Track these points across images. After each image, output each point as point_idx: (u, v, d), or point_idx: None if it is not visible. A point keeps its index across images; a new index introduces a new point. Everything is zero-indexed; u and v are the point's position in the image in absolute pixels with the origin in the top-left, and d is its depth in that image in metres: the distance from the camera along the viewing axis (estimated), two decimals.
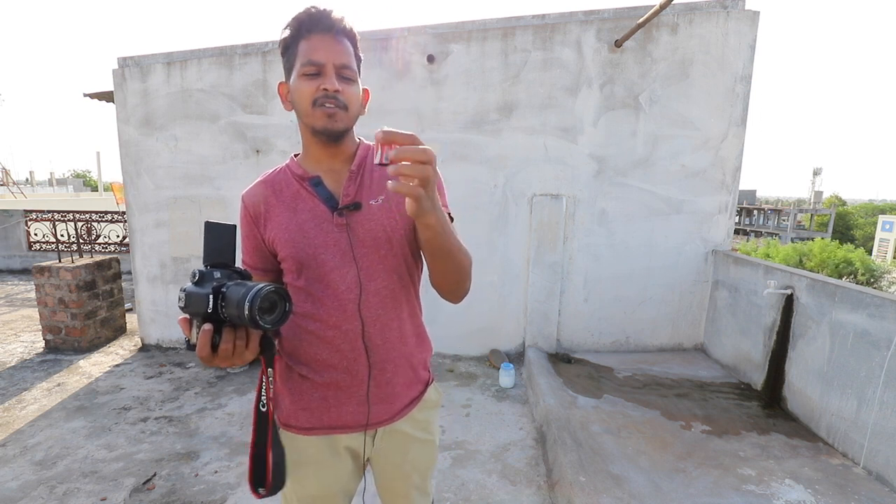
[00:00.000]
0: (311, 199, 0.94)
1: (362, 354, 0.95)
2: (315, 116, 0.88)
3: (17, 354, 3.82)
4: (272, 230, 0.95)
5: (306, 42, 0.87)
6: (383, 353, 0.97)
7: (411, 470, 1.07)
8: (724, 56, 3.31)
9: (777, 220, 49.32)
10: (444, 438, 2.62)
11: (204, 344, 0.73)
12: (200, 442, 2.57)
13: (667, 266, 3.57)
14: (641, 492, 1.92)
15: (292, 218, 0.94)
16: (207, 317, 0.75)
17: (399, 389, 1.01)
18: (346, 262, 0.93)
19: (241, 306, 0.72)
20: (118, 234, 6.72)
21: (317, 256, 0.92)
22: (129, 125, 3.80)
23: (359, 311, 0.93)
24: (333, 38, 0.87)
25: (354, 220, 0.93)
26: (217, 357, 0.75)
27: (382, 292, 0.95)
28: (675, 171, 3.47)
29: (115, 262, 4.27)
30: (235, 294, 0.73)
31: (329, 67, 0.86)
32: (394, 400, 1.01)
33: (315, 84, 0.86)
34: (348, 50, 0.89)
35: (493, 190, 3.61)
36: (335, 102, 0.87)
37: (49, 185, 38.06)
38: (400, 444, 1.05)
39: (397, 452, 1.05)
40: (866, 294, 2.14)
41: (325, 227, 0.93)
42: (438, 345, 3.84)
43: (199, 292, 0.75)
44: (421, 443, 1.07)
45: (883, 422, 1.99)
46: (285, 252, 0.94)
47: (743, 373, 3.05)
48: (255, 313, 0.72)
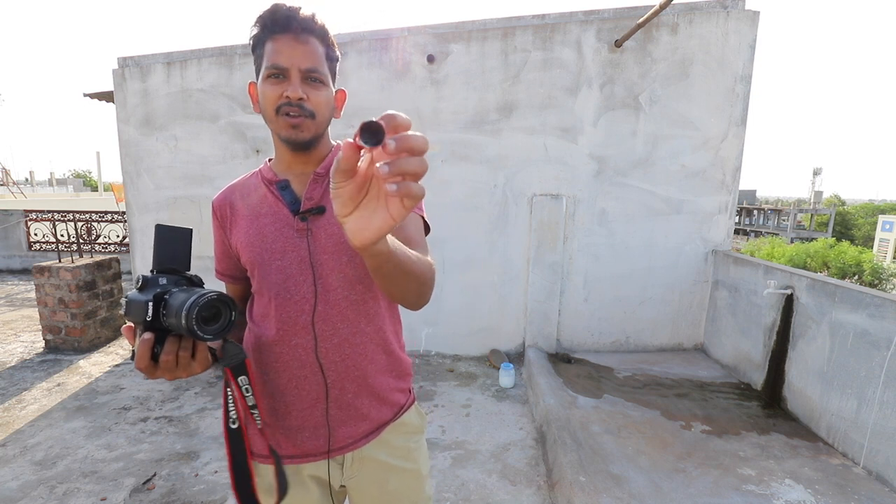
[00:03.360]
0: (276, 203, 0.88)
1: (316, 373, 0.86)
2: (279, 125, 0.82)
3: (17, 354, 3.82)
4: (236, 235, 0.90)
5: (272, 43, 0.80)
6: (342, 371, 0.87)
7: (391, 502, 0.97)
8: (724, 56, 3.31)
9: (777, 220, 49.33)
10: (444, 438, 2.62)
11: (142, 354, 0.69)
12: (200, 442, 2.57)
13: (667, 266, 3.57)
14: (641, 492, 1.92)
15: (254, 222, 0.89)
16: (148, 325, 0.70)
17: (364, 411, 0.91)
18: (303, 269, 0.85)
19: (179, 315, 0.67)
20: (118, 234, 6.72)
21: (272, 262, 0.86)
22: (129, 125, 3.80)
23: (312, 323, 0.85)
24: (299, 38, 0.80)
25: (317, 226, 0.86)
26: (159, 369, 0.71)
27: (342, 304, 0.86)
28: (675, 171, 3.47)
29: (115, 262, 4.27)
30: (176, 301, 0.69)
31: (293, 72, 0.80)
32: (358, 422, 0.90)
33: (279, 90, 0.80)
34: (316, 52, 0.81)
35: (493, 190, 3.61)
36: (300, 111, 0.81)
37: (49, 185, 38.07)
38: (375, 473, 0.94)
39: (373, 483, 0.95)
40: (866, 294, 2.14)
41: (284, 232, 0.86)
42: (438, 345, 3.85)
43: (139, 299, 0.71)
44: (401, 472, 0.96)
45: (883, 422, 1.99)
46: (245, 257, 0.89)
47: (743, 373, 3.05)
48: (193, 322, 0.66)
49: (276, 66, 0.79)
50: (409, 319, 3.73)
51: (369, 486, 0.95)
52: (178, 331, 0.70)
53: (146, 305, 0.70)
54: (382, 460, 0.94)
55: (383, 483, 0.95)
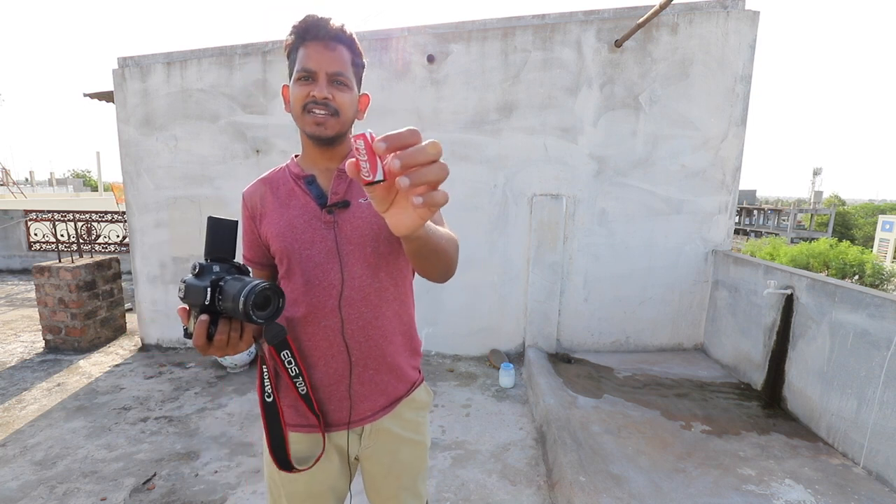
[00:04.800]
0: (304, 196, 0.97)
1: (342, 352, 0.96)
2: (305, 122, 0.91)
3: (17, 354, 3.82)
4: (266, 225, 0.99)
5: (304, 49, 0.90)
6: (365, 350, 0.97)
7: (401, 471, 1.07)
8: (724, 56, 3.31)
9: (777, 220, 49.32)
10: (444, 438, 2.62)
11: (200, 333, 0.78)
12: (200, 442, 2.57)
13: (667, 266, 3.57)
14: (641, 492, 1.92)
15: (284, 214, 0.97)
16: (204, 308, 0.79)
17: (383, 386, 1.01)
18: (331, 258, 0.94)
19: (237, 301, 0.76)
20: (118, 234, 6.72)
21: (302, 251, 0.95)
22: (129, 125, 3.80)
23: (339, 307, 0.94)
24: (328, 46, 0.89)
25: (342, 218, 0.95)
26: (212, 346, 0.80)
27: (366, 290, 0.96)
28: (675, 171, 3.47)
29: (115, 262, 4.27)
30: (232, 289, 0.78)
31: (321, 75, 0.89)
32: (377, 396, 1.01)
33: (307, 90, 0.89)
34: (343, 57, 0.91)
35: (493, 190, 3.61)
36: (325, 109, 0.89)
37: (49, 185, 38.04)
38: (388, 443, 1.04)
39: (385, 452, 1.05)
40: (866, 294, 2.14)
41: (313, 224, 0.95)
42: (438, 345, 3.85)
43: (197, 285, 0.79)
44: (411, 444, 1.07)
45: (883, 422, 1.99)
46: (275, 246, 0.97)
47: (743, 373, 3.05)
48: (249, 308, 0.76)
49: (305, 70, 0.89)
50: None
51: (383, 455, 1.05)
52: (233, 315, 0.79)
53: (205, 290, 0.78)
54: (396, 432, 1.04)
55: (395, 453, 1.05)
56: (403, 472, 1.07)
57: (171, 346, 4.03)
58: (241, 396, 3.12)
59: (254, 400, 3.06)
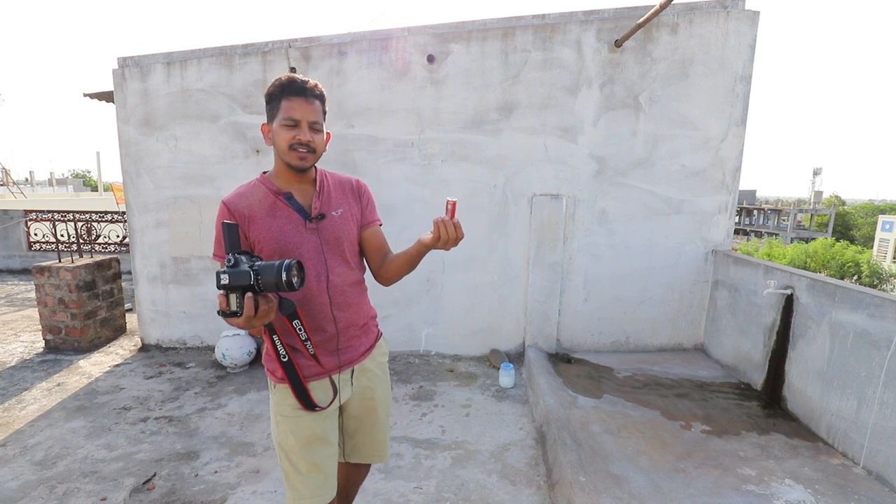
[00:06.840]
0: (287, 209, 1.25)
1: (331, 321, 1.30)
2: (291, 156, 1.20)
3: (17, 354, 3.82)
4: (255, 231, 1.23)
5: (287, 101, 1.18)
6: (346, 319, 1.33)
7: (377, 403, 1.46)
8: (724, 56, 3.31)
9: (777, 220, 49.31)
10: (444, 438, 2.62)
11: (250, 307, 1.02)
12: (200, 442, 2.57)
13: (667, 266, 3.57)
14: (641, 492, 1.92)
15: (273, 222, 1.23)
16: (248, 288, 1.02)
17: (360, 340, 1.39)
18: (317, 255, 1.26)
19: (280, 275, 1.01)
20: (118, 234, 6.72)
21: (293, 251, 1.23)
22: (129, 125, 3.80)
23: (327, 290, 1.28)
24: (307, 100, 1.19)
25: (322, 226, 1.27)
26: (255, 317, 1.04)
27: (342, 276, 1.31)
28: (675, 171, 3.47)
29: (115, 262, 4.27)
30: (269, 268, 1.02)
31: (304, 123, 1.19)
32: (357, 347, 1.38)
33: (292, 134, 1.18)
34: (318, 109, 1.21)
35: (493, 190, 3.61)
36: (307, 149, 1.20)
37: (49, 185, 38.01)
38: (371, 379, 1.43)
39: (368, 387, 1.42)
40: (866, 294, 2.14)
41: (299, 230, 1.25)
42: (438, 345, 3.85)
43: (241, 271, 1.01)
44: (383, 383, 1.48)
45: (883, 422, 1.99)
46: (270, 248, 1.22)
47: (743, 373, 3.05)
48: (292, 278, 1.02)
49: (291, 118, 1.18)
50: (410, 319, 3.77)
51: (366, 390, 1.42)
52: (275, 288, 1.03)
53: (249, 274, 1.01)
54: (374, 371, 1.44)
55: (374, 389, 1.44)
56: (379, 405, 1.46)
57: (171, 346, 4.03)
58: (241, 396, 3.12)
59: (254, 400, 3.07)
